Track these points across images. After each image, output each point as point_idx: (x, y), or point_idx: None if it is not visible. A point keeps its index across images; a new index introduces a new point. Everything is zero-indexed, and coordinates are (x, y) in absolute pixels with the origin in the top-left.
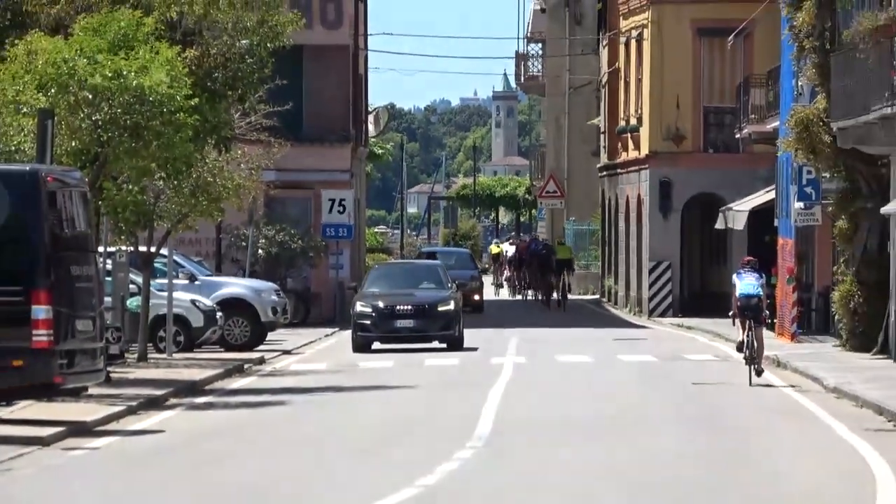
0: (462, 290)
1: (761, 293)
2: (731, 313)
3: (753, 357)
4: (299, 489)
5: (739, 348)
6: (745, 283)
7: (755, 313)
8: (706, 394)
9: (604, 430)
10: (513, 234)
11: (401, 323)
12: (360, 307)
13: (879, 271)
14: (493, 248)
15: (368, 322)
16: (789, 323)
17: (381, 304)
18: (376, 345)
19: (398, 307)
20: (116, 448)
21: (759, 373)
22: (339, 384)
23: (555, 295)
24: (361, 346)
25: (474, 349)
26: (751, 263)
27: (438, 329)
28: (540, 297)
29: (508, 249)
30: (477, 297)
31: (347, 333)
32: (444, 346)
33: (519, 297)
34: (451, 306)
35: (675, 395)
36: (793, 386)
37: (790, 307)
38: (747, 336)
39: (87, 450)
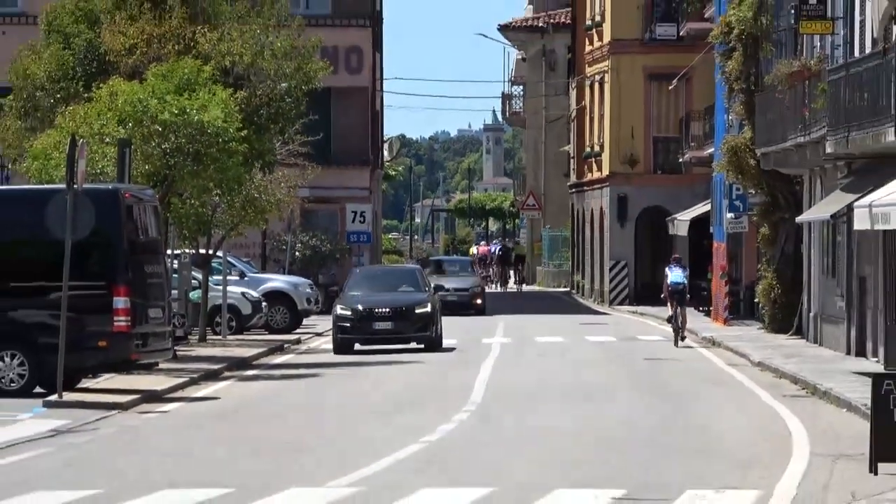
0: (465, 294)
1: (686, 282)
2: (662, 295)
3: (678, 328)
4: (327, 444)
5: (669, 320)
6: (675, 275)
7: (681, 296)
8: (655, 367)
9: (573, 396)
10: (483, 240)
11: (379, 325)
12: (339, 310)
13: (794, 269)
14: (471, 250)
15: (348, 324)
16: (722, 310)
17: (360, 307)
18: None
19: (377, 310)
20: (182, 411)
21: (682, 338)
22: (359, 361)
23: (512, 283)
24: (342, 347)
25: (451, 349)
26: (678, 260)
27: (416, 330)
28: (499, 286)
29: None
30: (479, 301)
31: None
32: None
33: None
34: (428, 308)
35: (631, 368)
36: (728, 362)
37: (723, 297)
38: (675, 312)
39: (159, 413)
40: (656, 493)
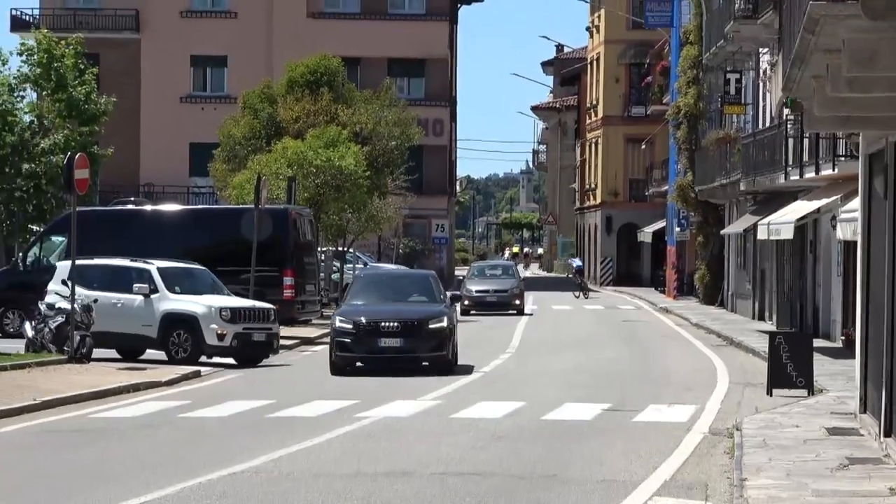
0: (505, 295)
1: (582, 265)
2: (570, 274)
3: (584, 289)
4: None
5: (578, 286)
6: (577, 262)
7: (581, 273)
8: (628, 326)
9: (576, 345)
10: (519, 242)
11: (386, 342)
12: (339, 322)
13: (719, 264)
14: (514, 248)
15: (349, 340)
16: (672, 290)
17: (363, 320)
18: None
19: (383, 323)
20: (323, 352)
21: (586, 297)
22: None
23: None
24: (340, 368)
25: (469, 367)
26: (577, 255)
27: (429, 350)
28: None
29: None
30: (518, 302)
31: None
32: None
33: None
34: (444, 323)
35: (613, 327)
36: (677, 323)
37: (672, 282)
38: (580, 282)
39: (311, 352)
40: (630, 406)
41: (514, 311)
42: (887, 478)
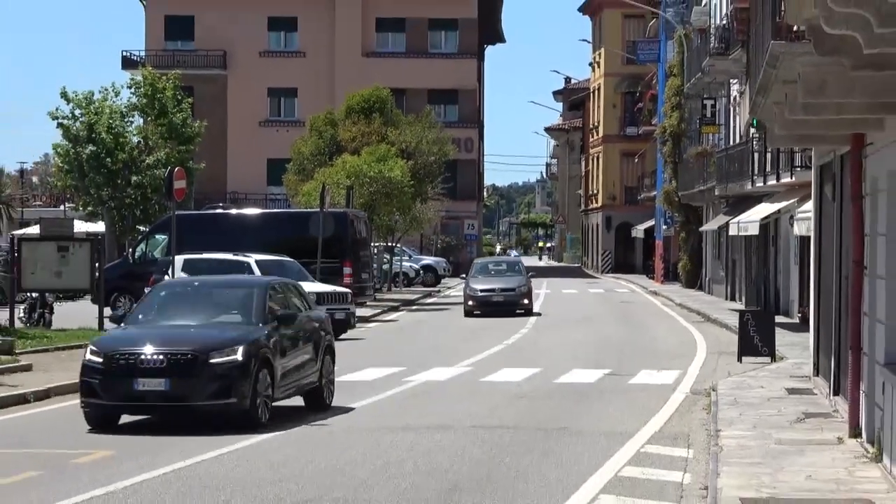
0: (512, 294)
1: (519, 255)
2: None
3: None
4: (453, 346)
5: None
6: (515, 254)
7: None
8: (624, 306)
9: (582, 322)
10: (541, 239)
11: (144, 384)
12: (89, 354)
13: (698, 255)
14: (540, 244)
15: (96, 381)
16: (659, 276)
17: (118, 351)
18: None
19: (142, 357)
20: (379, 328)
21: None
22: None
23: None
24: (92, 418)
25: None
26: (510, 250)
27: (205, 397)
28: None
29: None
30: (527, 301)
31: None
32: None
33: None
34: (236, 357)
35: (613, 306)
36: (664, 303)
37: (660, 269)
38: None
39: (366, 328)
40: (626, 371)
41: (523, 312)
42: (836, 429)
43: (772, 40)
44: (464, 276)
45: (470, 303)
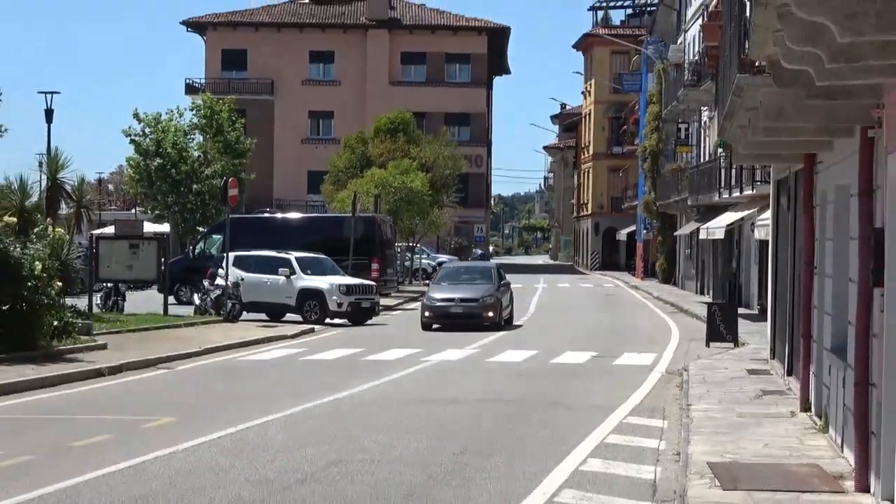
0: (473, 306)
1: (484, 254)
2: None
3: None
4: (446, 334)
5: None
6: (480, 255)
7: (484, 257)
8: (610, 299)
9: (573, 310)
10: (542, 241)
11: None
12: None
13: (673, 255)
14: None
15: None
16: (640, 273)
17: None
18: None
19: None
20: (400, 314)
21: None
22: None
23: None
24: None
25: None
26: (482, 253)
27: (480, 318)
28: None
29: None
30: (492, 314)
31: None
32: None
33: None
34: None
35: (599, 298)
36: (643, 296)
37: (640, 268)
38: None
39: (390, 316)
40: (610, 354)
41: (489, 325)
42: (789, 404)
43: (737, 73)
44: None
45: (427, 314)
